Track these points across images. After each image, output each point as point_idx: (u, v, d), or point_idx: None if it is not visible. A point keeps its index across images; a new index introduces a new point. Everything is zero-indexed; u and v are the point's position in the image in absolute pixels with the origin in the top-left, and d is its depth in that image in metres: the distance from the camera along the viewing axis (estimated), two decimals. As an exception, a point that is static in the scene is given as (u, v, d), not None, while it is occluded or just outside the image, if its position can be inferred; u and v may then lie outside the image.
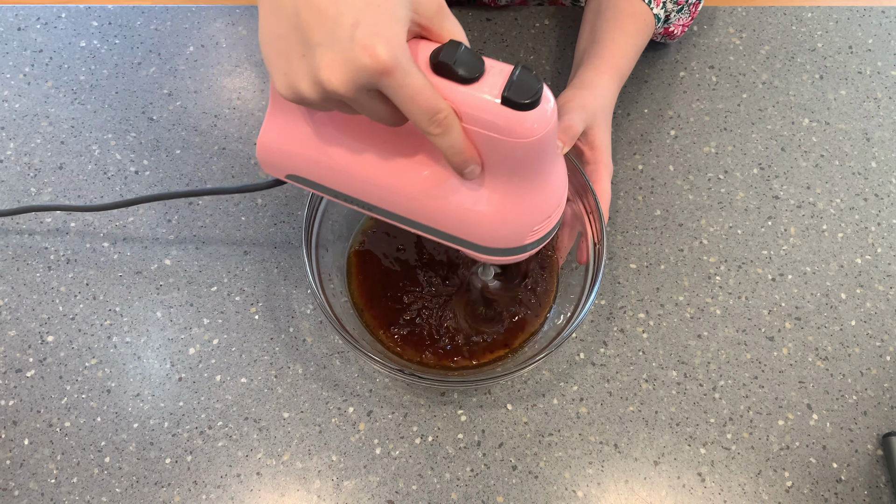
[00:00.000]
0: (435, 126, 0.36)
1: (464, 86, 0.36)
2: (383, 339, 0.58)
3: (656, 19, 0.64)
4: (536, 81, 0.36)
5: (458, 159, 0.38)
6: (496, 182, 0.41)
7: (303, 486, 0.54)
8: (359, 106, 0.37)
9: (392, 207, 0.44)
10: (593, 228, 0.56)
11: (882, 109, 0.72)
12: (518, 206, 0.42)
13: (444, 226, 0.44)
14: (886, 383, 0.59)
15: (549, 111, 0.37)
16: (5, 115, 0.69)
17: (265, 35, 0.38)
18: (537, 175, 0.41)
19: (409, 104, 0.35)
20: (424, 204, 0.43)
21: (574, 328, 0.52)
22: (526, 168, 0.40)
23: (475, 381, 0.53)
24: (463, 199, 0.42)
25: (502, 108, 0.36)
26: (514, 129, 0.37)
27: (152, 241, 0.63)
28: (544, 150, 0.39)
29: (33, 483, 0.54)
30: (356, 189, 0.44)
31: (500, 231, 0.43)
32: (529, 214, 0.43)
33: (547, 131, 0.38)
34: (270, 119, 0.44)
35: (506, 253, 0.45)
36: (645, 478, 0.55)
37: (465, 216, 0.43)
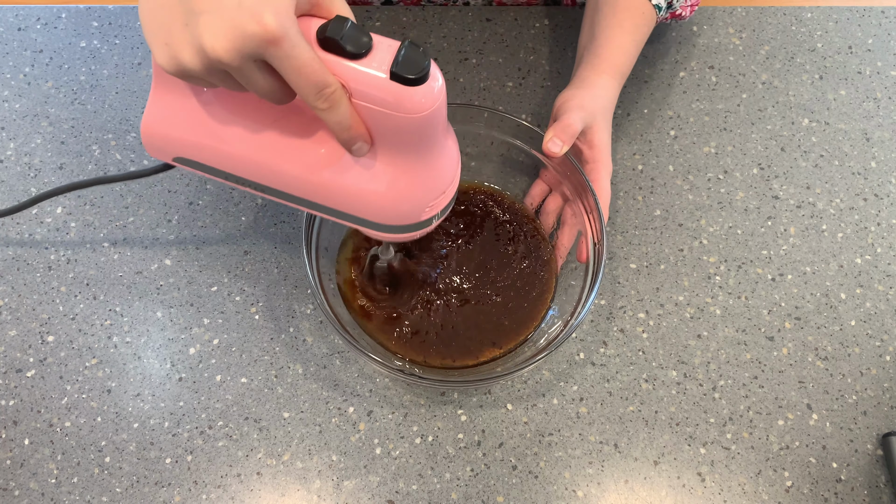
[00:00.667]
0: (323, 100, 0.35)
1: (352, 61, 0.36)
2: (383, 339, 0.58)
3: (657, 9, 0.63)
4: (424, 57, 0.36)
5: (346, 135, 0.38)
6: (388, 159, 0.41)
7: (303, 485, 0.54)
8: (244, 78, 0.36)
9: (286, 188, 0.44)
10: (593, 228, 0.56)
11: (882, 109, 0.72)
12: (412, 183, 0.42)
13: (339, 205, 0.44)
14: (886, 383, 0.59)
15: (437, 87, 0.37)
16: (5, 115, 0.69)
17: (145, 5, 0.36)
18: (429, 150, 0.41)
19: (296, 76, 0.34)
20: (318, 183, 0.43)
21: (574, 328, 0.52)
22: (417, 143, 0.40)
23: (475, 381, 0.53)
24: (357, 177, 0.42)
25: (391, 83, 0.36)
26: (402, 104, 0.37)
27: (152, 241, 0.63)
28: (434, 125, 0.39)
29: (34, 483, 0.54)
30: (248, 171, 0.44)
31: (394, 208, 0.43)
32: (423, 191, 0.43)
33: (436, 106, 0.38)
34: (154, 99, 0.43)
35: (403, 230, 0.45)
36: (645, 478, 0.55)
37: (360, 194, 0.42)
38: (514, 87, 0.72)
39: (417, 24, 0.75)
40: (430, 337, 0.57)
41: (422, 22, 0.75)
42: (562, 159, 0.57)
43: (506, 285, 0.59)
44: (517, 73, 0.73)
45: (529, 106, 0.71)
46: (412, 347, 0.57)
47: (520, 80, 0.73)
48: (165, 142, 0.44)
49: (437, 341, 0.57)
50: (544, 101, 0.71)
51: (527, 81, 0.72)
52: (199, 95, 0.42)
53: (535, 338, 0.58)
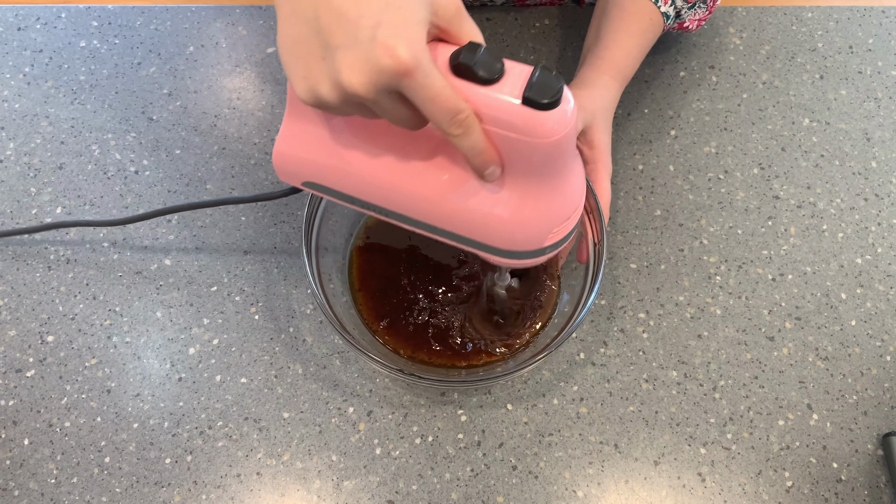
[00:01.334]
0: (456, 127, 0.36)
1: (484, 87, 0.36)
2: (383, 339, 0.57)
3: (665, 17, 0.63)
4: (557, 81, 0.36)
5: (478, 160, 0.38)
6: (515, 184, 0.40)
7: (303, 486, 0.54)
8: (379, 108, 0.37)
9: (410, 212, 0.44)
10: (593, 228, 0.56)
11: (882, 109, 0.72)
12: (537, 209, 0.42)
13: (462, 229, 0.44)
14: (886, 383, 0.59)
15: (570, 111, 0.37)
16: (5, 115, 0.69)
17: (283, 39, 0.37)
18: (557, 176, 0.41)
19: (429, 105, 0.35)
20: (443, 208, 0.43)
21: (574, 328, 0.52)
22: (546, 169, 0.40)
23: (475, 381, 0.53)
24: (482, 201, 0.42)
25: (523, 108, 0.36)
26: (534, 129, 0.36)
27: (152, 240, 0.63)
28: (565, 150, 0.39)
29: (33, 483, 0.54)
30: (374, 194, 0.44)
31: (519, 234, 0.43)
32: (549, 216, 0.42)
33: (567, 131, 0.37)
34: (287, 126, 0.44)
35: (524, 256, 0.44)
36: (645, 478, 0.55)
37: (484, 219, 0.42)
38: (514, 86, 0.72)
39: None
40: (429, 337, 0.57)
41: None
42: None
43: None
44: (517, 73, 0.73)
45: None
46: (412, 347, 0.57)
47: (520, 80, 0.72)
48: (296, 166, 0.45)
49: (437, 341, 0.57)
50: (544, 101, 0.71)
51: (527, 81, 0.72)
52: (330, 122, 0.43)
53: (535, 338, 0.58)
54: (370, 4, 0.34)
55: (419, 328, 0.58)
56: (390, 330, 0.58)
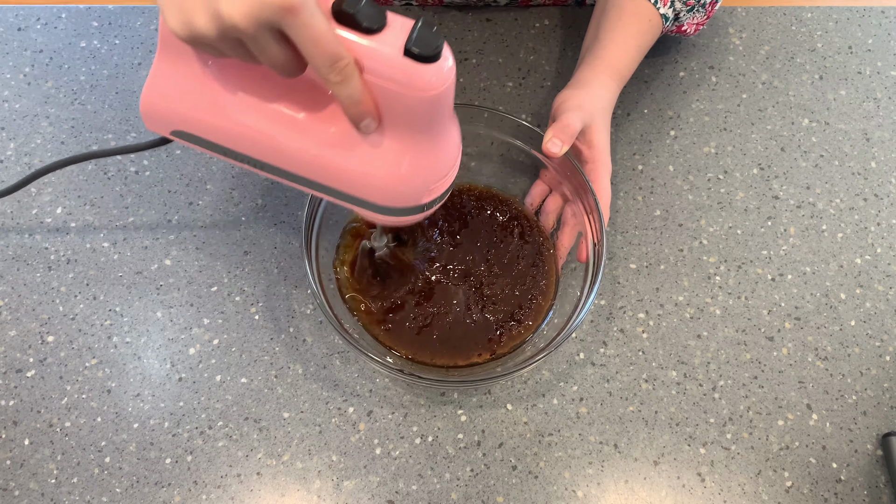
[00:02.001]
0: (336, 73, 0.35)
1: (366, 36, 0.36)
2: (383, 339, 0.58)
3: (664, 19, 0.63)
4: (437, 37, 0.36)
5: (355, 110, 0.38)
6: (395, 138, 0.40)
7: (303, 486, 0.54)
8: (258, 47, 0.35)
9: (287, 166, 0.44)
10: (593, 228, 0.56)
11: (882, 109, 0.72)
12: (416, 164, 0.42)
13: (341, 185, 0.43)
14: (886, 383, 0.59)
15: (448, 66, 0.37)
16: (5, 115, 0.69)
17: None
18: (435, 132, 0.41)
19: (311, 47, 0.34)
20: (321, 162, 0.43)
21: (574, 328, 0.52)
22: (424, 124, 0.40)
23: (475, 382, 0.53)
24: (360, 156, 0.42)
25: (404, 60, 0.36)
26: (414, 81, 0.37)
27: (152, 241, 0.63)
28: (442, 105, 0.39)
29: (34, 483, 0.54)
30: (250, 147, 0.43)
31: (396, 189, 0.43)
32: (426, 172, 0.43)
33: (446, 86, 0.38)
34: (157, 69, 0.42)
35: (402, 213, 0.45)
36: (645, 478, 0.55)
37: (363, 174, 0.42)
38: (514, 87, 0.72)
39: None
40: (430, 337, 0.57)
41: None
42: (562, 159, 0.57)
43: (506, 285, 0.59)
44: (517, 73, 0.73)
45: (529, 106, 0.71)
46: (412, 347, 0.57)
47: (520, 80, 0.73)
48: (165, 114, 0.44)
49: (437, 341, 0.57)
50: (544, 101, 0.71)
51: (527, 81, 0.72)
52: (204, 67, 0.41)
53: (534, 338, 0.58)
54: None
55: (418, 328, 0.58)
56: (390, 330, 0.58)
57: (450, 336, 0.57)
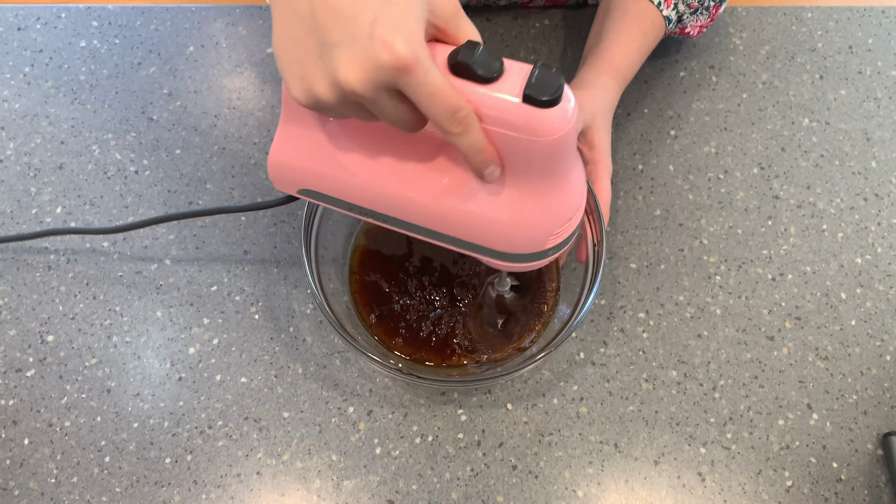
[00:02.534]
0: (455, 125, 0.35)
1: (483, 85, 0.36)
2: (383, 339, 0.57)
3: (667, 21, 0.63)
4: (557, 78, 0.35)
5: (478, 159, 0.38)
6: (516, 185, 0.40)
7: (303, 485, 0.54)
8: (377, 108, 0.36)
9: (409, 217, 0.43)
10: (593, 229, 0.56)
11: (882, 109, 0.72)
12: (538, 210, 0.41)
13: (462, 233, 0.43)
14: (886, 383, 0.59)
15: (570, 109, 0.37)
16: (5, 115, 0.69)
17: (279, 39, 0.37)
18: (557, 176, 0.40)
19: (429, 102, 0.35)
20: (442, 211, 0.42)
21: (574, 328, 0.52)
22: (546, 169, 0.39)
23: (475, 381, 0.53)
24: (481, 204, 0.41)
25: (523, 106, 0.35)
26: (535, 127, 0.36)
27: (152, 240, 0.63)
28: (565, 148, 0.38)
29: (33, 483, 0.54)
30: (372, 201, 0.43)
31: (519, 236, 0.42)
32: (550, 218, 0.42)
33: (568, 129, 0.37)
34: (282, 132, 0.43)
35: (525, 259, 0.44)
36: (645, 477, 0.55)
37: (484, 222, 0.42)
38: (514, 86, 0.72)
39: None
40: (429, 337, 0.57)
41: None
42: None
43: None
44: (517, 73, 0.73)
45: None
46: (412, 348, 0.57)
47: (520, 80, 0.72)
48: (292, 174, 0.44)
49: (436, 342, 0.57)
50: (544, 101, 0.71)
51: (527, 81, 0.72)
52: (326, 127, 0.42)
53: (535, 338, 0.58)
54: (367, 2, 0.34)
55: (419, 328, 0.58)
56: (389, 330, 0.58)
57: (449, 336, 0.57)
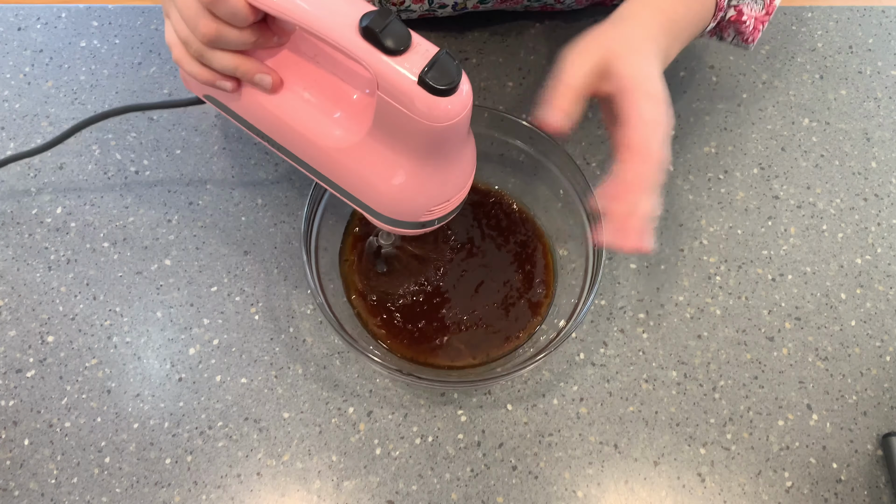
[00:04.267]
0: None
1: (387, 56, 0.37)
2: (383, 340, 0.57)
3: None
4: (457, 71, 0.37)
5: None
6: (403, 155, 0.41)
7: (303, 486, 0.54)
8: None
9: (300, 154, 0.45)
10: (593, 230, 0.56)
11: (882, 109, 0.72)
12: (419, 185, 0.43)
13: (347, 185, 0.45)
14: (886, 383, 0.59)
15: (462, 101, 0.38)
16: (5, 115, 0.69)
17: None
18: (444, 158, 0.42)
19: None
20: (331, 158, 0.44)
21: (574, 328, 0.52)
22: (431, 150, 0.41)
23: (475, 382, 0.53)
24: (368, 163, 0.43)
25: (418, 88, 0.37)
26: (425, 111, 0.37)
27: (152, 241, 0.63)
28: (452, 136, 0.40)
29: (33, 483, 0.54)
30: (269, 128, 0.45)
31: (398, 205, 0.44)
32: (428, 194, 0.43)
33: (458, 119, 0.38)
34: None
35: (400, 225, 0.46)
36: (645, 478, 0.55)
37: (368, 182, 0.43)
38: (514, 87, 0.72)
39: (417, 24, 0.75)
40: (429, 337, 0.57)
41: (421, 20, 0.75)
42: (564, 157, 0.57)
43: (504, 286, 0.59)
44: (517, 73, 0.73)
45: (529, 106, 0.71)
46: (412, 348, 0.57)
47: (520, 80, 0.72)
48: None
49: (437, 343, 0.57)
50: (544, 101, 0.71)
51: (527, 81, 0.72)
52: None
53: (535, 338, 0.58)
54: None
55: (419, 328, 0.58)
56: (389, 331, 0.58)
57: (451, 338, 0.57)
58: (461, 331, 0.58)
